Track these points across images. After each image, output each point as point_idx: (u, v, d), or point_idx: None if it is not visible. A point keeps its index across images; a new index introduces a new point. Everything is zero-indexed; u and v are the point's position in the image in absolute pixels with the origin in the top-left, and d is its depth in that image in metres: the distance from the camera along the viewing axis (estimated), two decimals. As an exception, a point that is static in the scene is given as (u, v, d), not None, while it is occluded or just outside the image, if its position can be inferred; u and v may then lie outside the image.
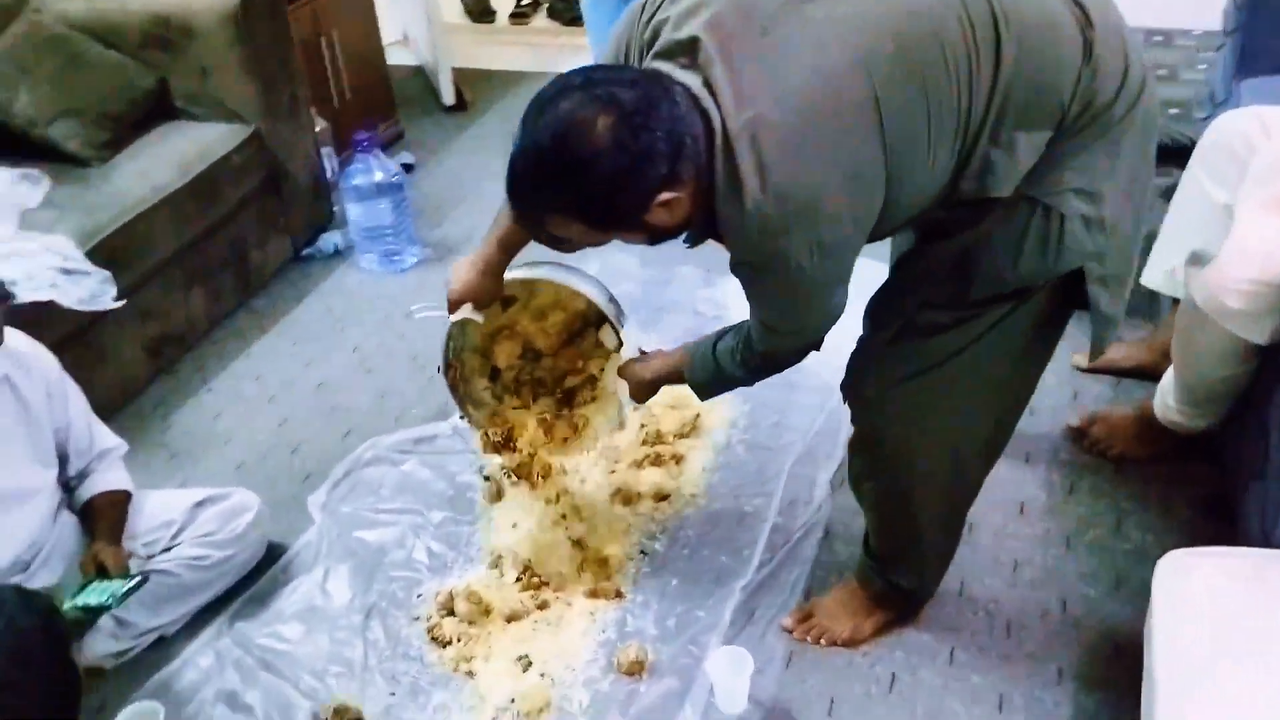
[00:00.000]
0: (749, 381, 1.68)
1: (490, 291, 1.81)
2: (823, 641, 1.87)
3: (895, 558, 1.80)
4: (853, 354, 1.63)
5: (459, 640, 1.91)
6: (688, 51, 1.31)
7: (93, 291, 2.40)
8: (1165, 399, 2.09)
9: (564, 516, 2.07)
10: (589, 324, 2.02)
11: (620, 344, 1.88)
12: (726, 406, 2.42)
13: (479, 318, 1.83)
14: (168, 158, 2.81)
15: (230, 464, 2.40)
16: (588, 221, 1.34)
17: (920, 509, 1.69)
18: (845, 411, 1.70)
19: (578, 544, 2.06)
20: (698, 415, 2.39)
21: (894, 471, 1.66)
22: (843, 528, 2.09)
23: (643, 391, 1.83)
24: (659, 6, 1.37)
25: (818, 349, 1.57)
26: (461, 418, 2.07)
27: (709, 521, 2.15)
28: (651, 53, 1.35)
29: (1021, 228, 1.41)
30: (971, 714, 1.74)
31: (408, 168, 3.66)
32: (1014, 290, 1.47)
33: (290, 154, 3.11)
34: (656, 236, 1.39)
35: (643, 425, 2.36)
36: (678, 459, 2.29)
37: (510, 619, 1.94)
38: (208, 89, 2.96)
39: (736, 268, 1.41)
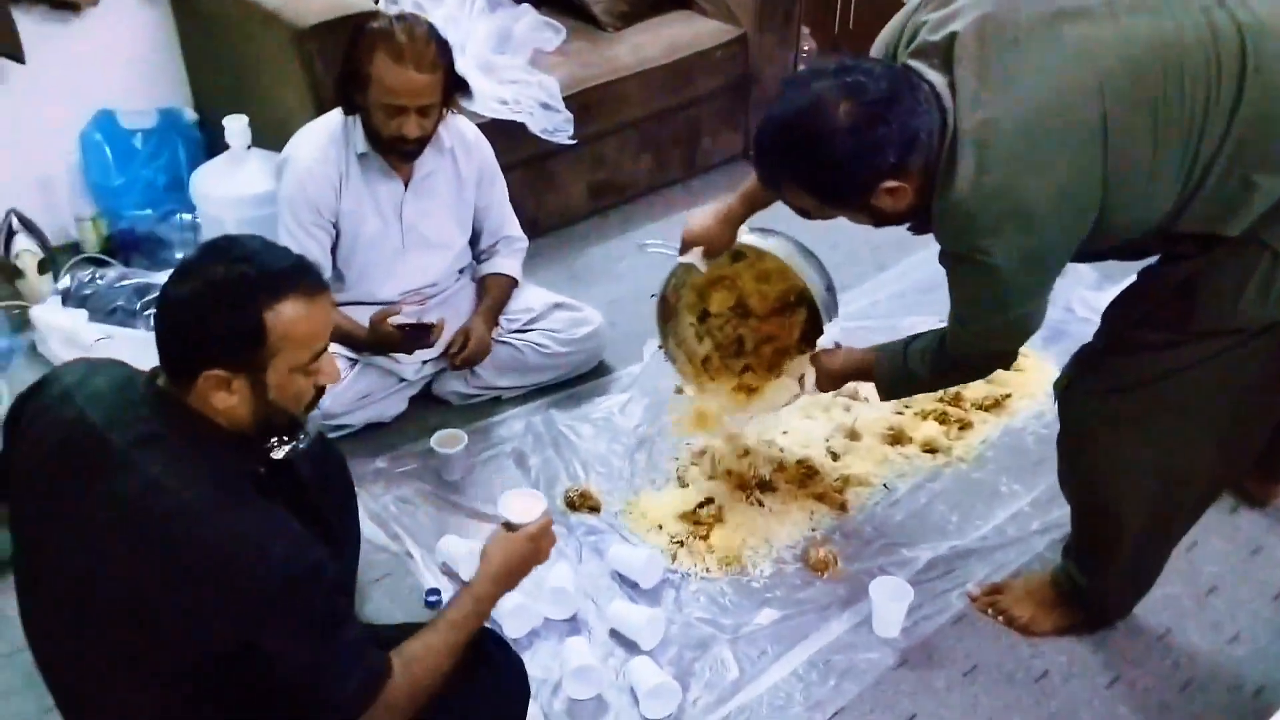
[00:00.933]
0: (932, 385, 1.77)
1: (723, 239, 1.96)
2: (1000, 619, 1.92)
3: (1088, 564, 1.80)
4: (1073, 355, 1.66)
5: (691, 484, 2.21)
6: (941, 53, 1.40)
7: (557, 126, 2.93)
8: None
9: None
10: (801, 302, 2.15)
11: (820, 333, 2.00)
12: (1044, 399, 2.43)
13: (704, 266, 1.99)
14: (664, 39, 3.26)
15: (609, 295, 2.84)
16: (816, 195, 1.48)
17: (1117, 524, 1.69)
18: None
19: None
20: (1009, 395, 2.43)
21: (1094, 480, 1.68)
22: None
23: (829, 382, 1.95)
24: (922, 10, 1.47)
25: (1005, 365, 1.62)
26: (659, 347, 2.29)
27: (959, 484, 2.23)
28: (908, 51, 1.46)
29: (1248, 269, 1.39)
30: (1100, 738, 1.73)
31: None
32: (1235, 328, 1.43)
33: (768, 62, 3.44)
34: (881, 220, 1.50)
35: (947, 383, 2.45)
36: (964, 425, 2.37)
37: (745, 487, 2.19)
38: (719, -12, 3.36)
39: (942, 258, 1.51)
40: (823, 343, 2.01)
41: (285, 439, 1.40)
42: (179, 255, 2.93)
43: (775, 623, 1.93)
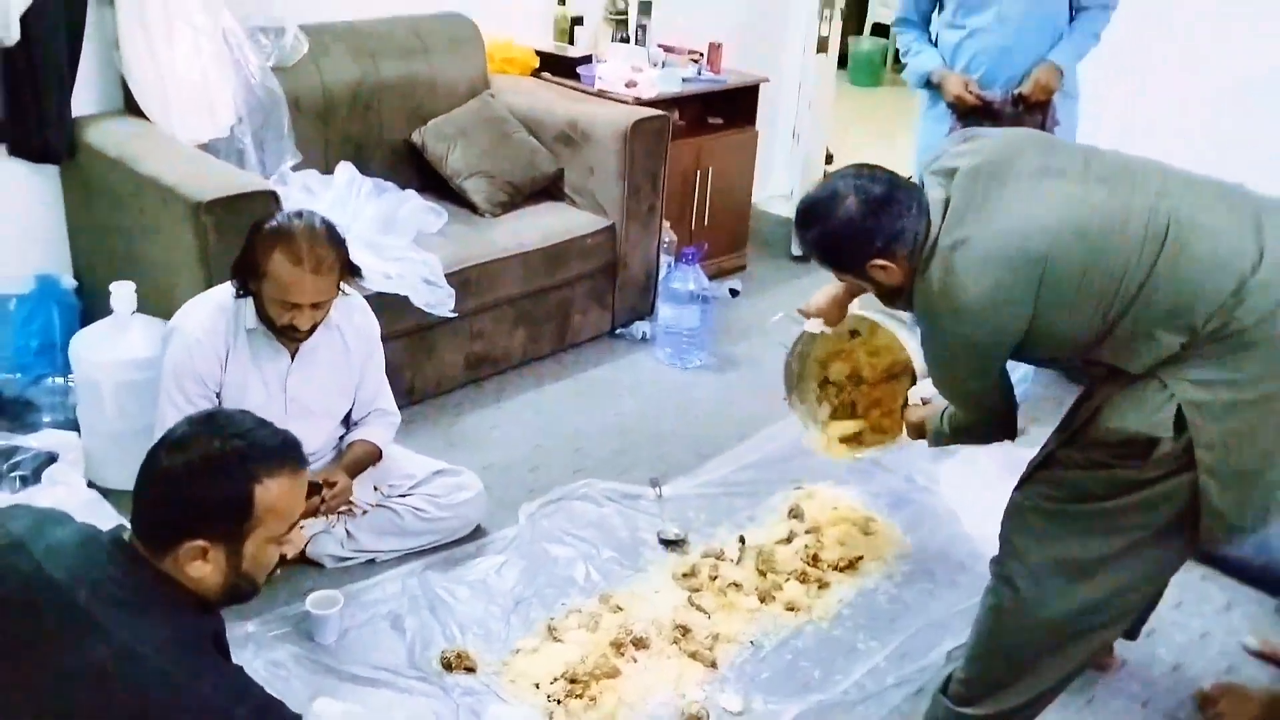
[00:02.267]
0: (955, 440, 2.11)
1: (835, 316, 2.43)
2: None
3: (976, 689, 1.92)
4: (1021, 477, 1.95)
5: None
6: (947, 177, 1.80)
7: (439, 300, 3.08)
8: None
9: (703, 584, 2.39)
10: (905, 373, 2.52)
11: (926, 400, 2.35)
12: (892, 560, 2.63)
13: (829, 330, 2.44)
14: (539, 226, 3.49)
15: (484, 460, 2.93)
16: (826, 261, 1.90)
17: (1020, 638, 1.86)
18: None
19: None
20: (861, 558, 2.61)
21: (1002, 591, 1.88)
22: (934, 691, 2.22)
23: (913, 431, 2.32)
24: (952, 142, 1.90)
25: (998, 435, 2.00)
26: (784, 398, 2.69)
27: (820, 641, 2.37)
28: (931, 168, 1.86)
29: (1136, 388, 1.70)
30: None
31: (734, 292, 4.18)
32: (1139, 450, 1.69)
33: (634, 251, 3.71)
34: (878, 290, 1.89)
35: (806, 546, 2.63)
36: (823, 584, 2.52)
37: (620, 644, 2.28)
38: (589, 184, 3.64)
39: (918, 323, 1.87)
40: (913, 397, 2.42)
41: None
42: (46, 419, 2.91)
43: (651, 778, 1.99)
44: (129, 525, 1.40)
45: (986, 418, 1.97)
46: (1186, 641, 2.42)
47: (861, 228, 1.79)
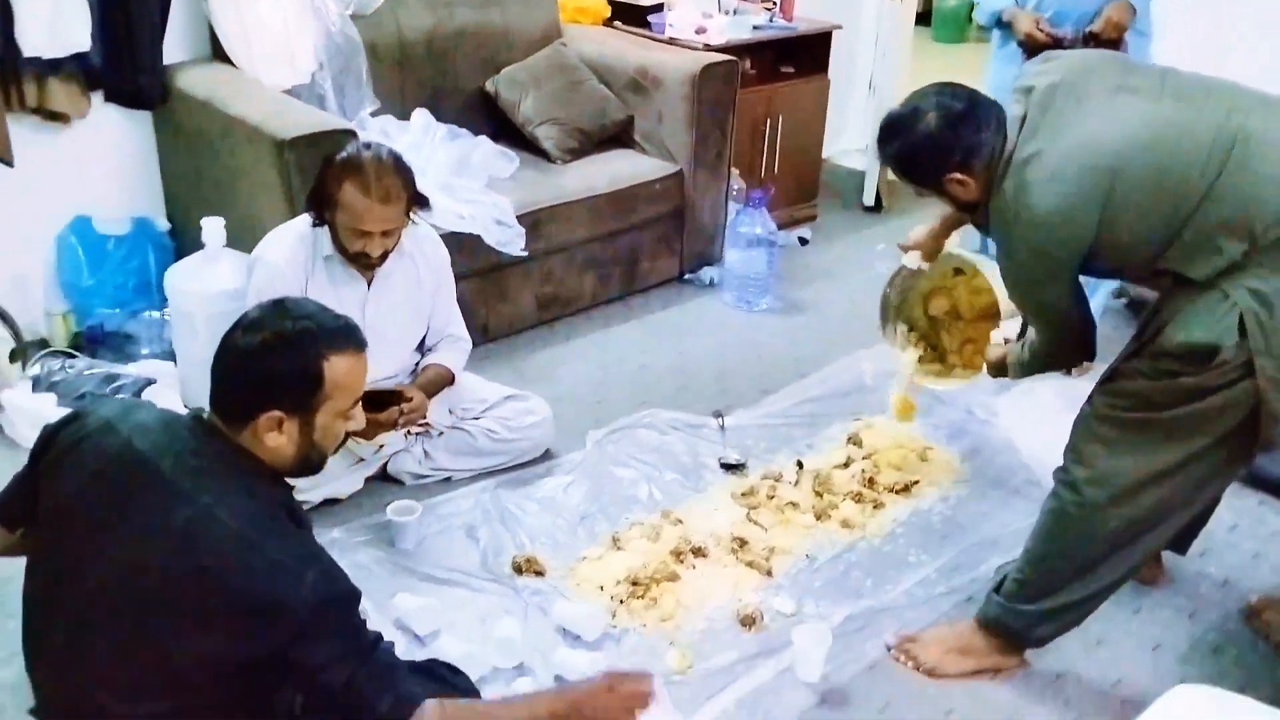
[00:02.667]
0: (1034, 368, 2.16)
1: (932, 250, 2.50)
2: (906, 663, 2.11)
3: (1030, 596, 2.00)
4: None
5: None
6: (1026, 95, 1.87)
7: (510, 240, 3.20)
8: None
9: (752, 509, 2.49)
10: (999, 315, 2.57)
11: (1008, 339, 2.42)
12: (948, 485, 2.69)
13: (925, 267, 2.54)
14: (608, 172, 3.59)
15: (553, 393, 3.03)
16: (902, 174, 1.97)
17: (1078, 540, 1.94)
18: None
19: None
20: (917, 482, 2.68)
21: (1065, 495, 1.95)
22: (983, 600, 2.28)
23: (994, 368, 2.35)
24: (1035, 63, 1.97)
25: (1076, 357, 2.08)
26: (879, 327, 2.79)
27: (873, 556, 2.45)
28: (1015, 86, 1.93)
29: (1199, 299, 1.76)
30: (1000, 766, 1.91)
31: (803, 241, 4.23)
32: (1199, 362, 1.75)
33: (702, 197, 3.78)
34: (955, 203, 1.98)
35: (863, 470, 2.70)
36: (878, 505, 2.60)
37: (680, 553, 2.38)
38: (658, 130, 3.73)
39: (993, 238, 1.95)
40: (994, 337, 2.52)
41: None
42: (144, 350, 3.11)
43: (707, 670, 2.09)
44: (207, 408, 1.54)
45: (1064, 336, 2.01)
46: (1238, 561, 2.44)
47: (940, 141, 1.87)
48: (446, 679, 1.76)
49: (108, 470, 1.46)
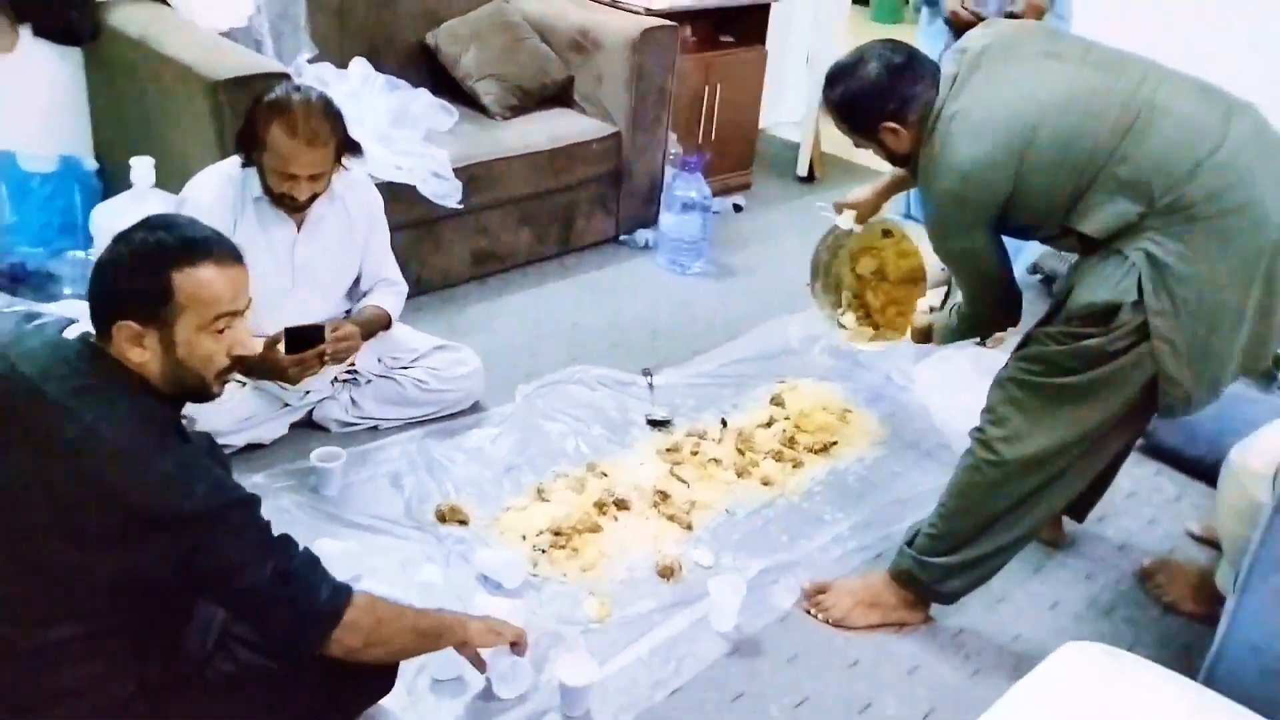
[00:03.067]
0: (961, 333, 2.26)
1: (869, 207, 2.59)
2: (816, 615, 2.19)
3: (939, 550, 2.09)
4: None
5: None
6: (960, 55, 1.97)
7: (446, 192, 3.20)
8: (1223, 564, 2.19)
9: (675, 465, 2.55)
10: (924, 279, 2.65)
11: (934, 308, 2.54)
12: (865, 447, 2.77)
13: (858, 229, 2.64)
14: (547, 129, 3.60)
15: (484, 346, 3.03)
16: (841, 119, 2.06)
17: (990, 495, 2.03)
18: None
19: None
20: (835, 443, 2.75)
21: (979, 453, 2.04)
22: (890, 555, 2.36)
23: (918, 335, 2.47)
24: (978, 28, 2.05)
25: (998, 321, 2.18)
26: (807, 284, 2.88)
27: (791, 512, 2.52)
28: (952, 47, 2.05)
29: (1102, 262, 1.87)
30: (898, 712, 1.99)
31: (737, 207, 4.28)
32: (1103, 322, 1.86)
33: (640, 159, 3.81)
34: (888, 156, 2.07)
35: (785, 430, 2.77)
36: (797, 464, 2.67)
37: (603, 505, 2.43)
38: (598, 91, 3.74)
39: (920, 190, 2.07)
40: (920, 305, 2.62)
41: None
42: (67, 290, 3.06)
43: (624, 619, 2.14)
44: None
45: (987, 293, 2.11)
46: (1135, 526, 2.56)
47: (878, 90, 1.98)
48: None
49: None
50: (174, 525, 1.40)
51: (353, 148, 2.41)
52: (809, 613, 2.21)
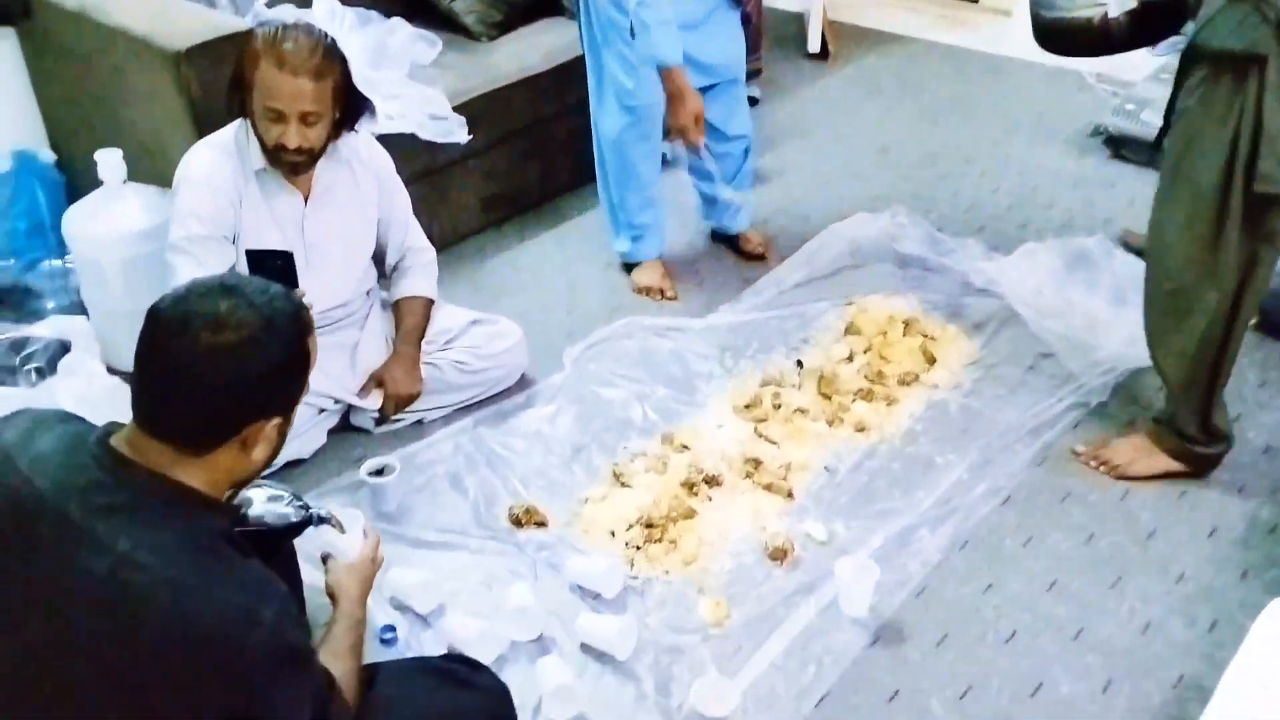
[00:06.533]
0: None
1: None
2: (1098, 467, 2.20)
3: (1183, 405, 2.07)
4: None
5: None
6: None
7: (449, 131, 2.86)
8: None
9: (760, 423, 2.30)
10: None
11: None
12: (959, 369, 2.51)
13: None
14: (541, 46, 3.22)
15: (517, 307, 2.78)
16: None
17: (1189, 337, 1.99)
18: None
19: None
20: (925, 370, 2.49)
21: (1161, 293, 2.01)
22: (1024, 498, 2.14)
23: None
24: None
25: None
26: None
27: (897, 460, 2.27)
28: None
29: (1232, 9, 1.79)
30: (1074, 689, 1.78)
31: (753, 101, 3.91)
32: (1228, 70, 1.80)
33: (645, 64, 3.44)
34: None
35: (868, 362, 2.50)
36: (890, 401, 2.41)
37: (691, 484, 2.18)
38: (590, -6, 3.34)
39: None
40: None
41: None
42: (50, 305, 2.75)
43: (746, 619, 1.91)
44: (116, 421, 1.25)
45: None
46: (1275, 422, 2.32)
47: None
48: (470, 681, 1.55)
49: (8, 518, 1.18)
50: (233, 664, 1.14)
51: (360, 104, 2.12)
52: (1089, 466, 2.21)
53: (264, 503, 1.61)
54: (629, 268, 2.94)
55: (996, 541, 2.06)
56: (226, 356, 1.18)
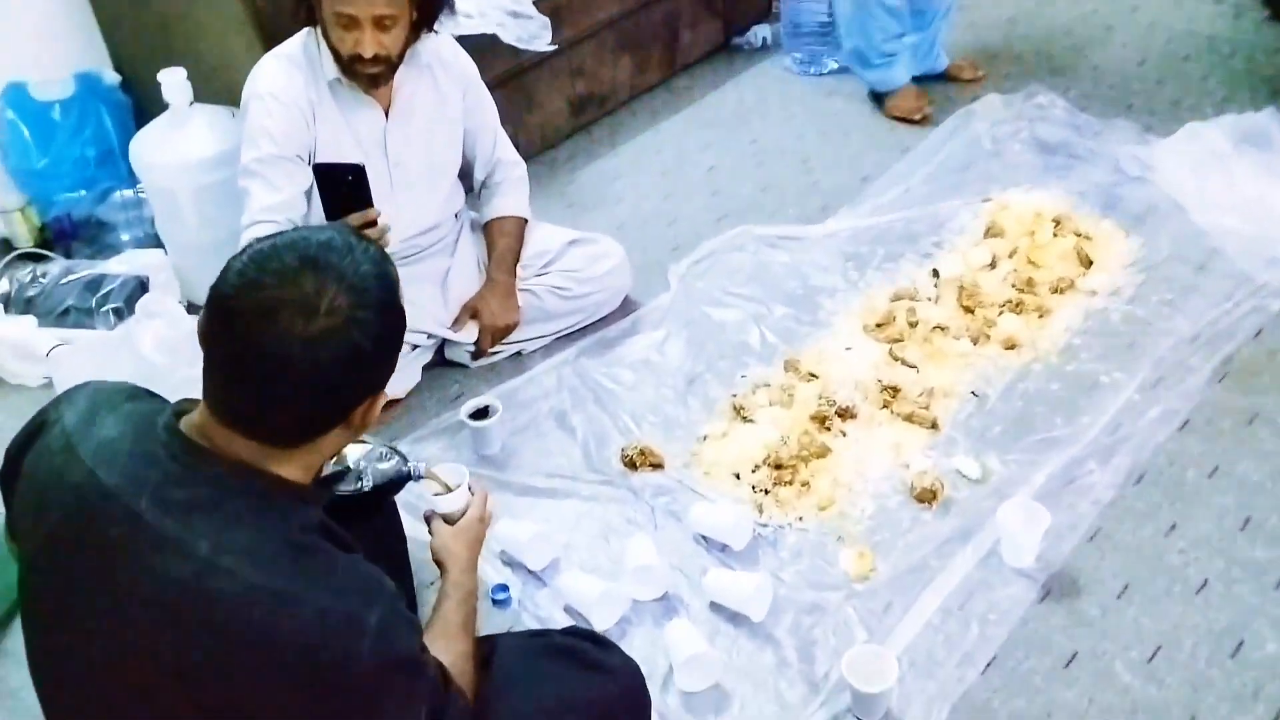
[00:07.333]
0: None
1: None
2: None
3: None
4: None
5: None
6: None
7: (532, 33, 2.61)
8: None
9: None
10: None
11: None
12: (1118, 271, 2.22)
13: None
14: (627, -73, 2.92)
15: (614, 221, 2.56)
16: None
17: None
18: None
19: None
20: (1080, 275, 2.21)
21: None
22: (1205, 421, 1.88)
23: None
24: None
25: None
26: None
27: (1055, 380, 2.02)
28: None
29: None
30: (1282, 646, 1.55)
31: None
32: None
33: (741, -60, 3.13)
34: None
35: (1014, 268, 2.23)
36: (1042, 312, 2.14)
37: (822, 417, 1.96)
38: None
39: None
40: None
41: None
42: (125, 237, 2.61)
43: (894, 572, 1.70)
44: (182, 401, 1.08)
45: None
46: None
47: None
48: (600, 663, 1.37)
49: (73, 516, 1.02)
50: (340, 682, 0.98)
51: (439, 1, 1.91)
52: None
53: (358, 460, 1.44)
54: (878, 99, 2.85)
55: (1178, 474, 1.81)
56: (325, 346, 0.98)
